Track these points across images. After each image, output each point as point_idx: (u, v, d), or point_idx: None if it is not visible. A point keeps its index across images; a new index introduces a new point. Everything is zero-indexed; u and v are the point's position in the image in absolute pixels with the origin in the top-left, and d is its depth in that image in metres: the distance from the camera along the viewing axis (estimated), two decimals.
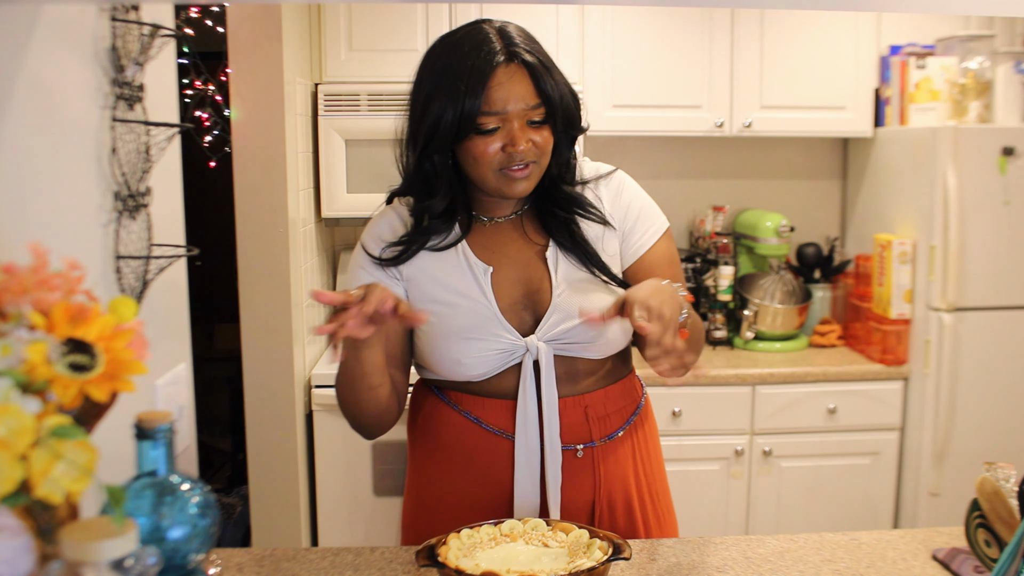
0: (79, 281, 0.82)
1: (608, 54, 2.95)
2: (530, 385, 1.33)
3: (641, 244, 1.41)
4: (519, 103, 1.27)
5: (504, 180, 1.30)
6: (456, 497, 1.39)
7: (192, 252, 1.41)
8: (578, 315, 1.30)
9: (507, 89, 1.26)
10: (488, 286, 1.34)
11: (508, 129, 1.27)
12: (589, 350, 1.36)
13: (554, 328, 1.34)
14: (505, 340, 1.33)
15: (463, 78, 1.25)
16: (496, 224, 1.40)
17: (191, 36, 3.30)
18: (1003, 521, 1.19)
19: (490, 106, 1.26)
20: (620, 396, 1.43)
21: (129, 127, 1.27)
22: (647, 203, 1.44)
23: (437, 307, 1.35)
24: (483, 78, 1.25)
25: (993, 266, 2.76)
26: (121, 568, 0.68)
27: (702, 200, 3.34)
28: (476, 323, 1.33)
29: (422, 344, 1.38)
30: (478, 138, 1.28)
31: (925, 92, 2.93)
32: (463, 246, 1.37)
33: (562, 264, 1.37)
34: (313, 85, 2.88)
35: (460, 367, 1.34)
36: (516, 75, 1.27)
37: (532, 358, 1.33)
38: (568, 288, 1.35)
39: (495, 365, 1.34)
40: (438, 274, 1.36)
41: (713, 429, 2.83)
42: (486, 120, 1.26)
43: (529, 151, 1.28)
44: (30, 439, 0.68)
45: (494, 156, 1.28)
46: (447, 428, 1.39)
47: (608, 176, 1.44)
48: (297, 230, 2.67)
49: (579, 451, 1.37)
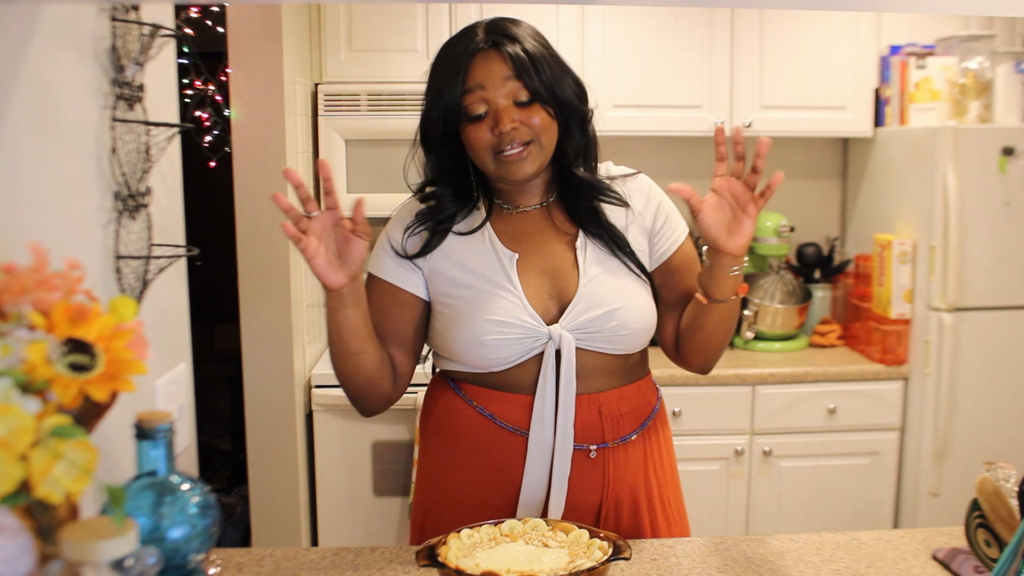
0: (79, 281, 0.82)
1: (608, 54, 2.95)
2: (550, 377, 1.33)
3: (670, 245, 1.44)
4: (499, 84, 1.31)
5: (501, 164, 1.33)
6: (466, 492, 1.39)
7: (192, 252, 1.41)
8: (605, 303, 1.35)
9: (484, 70, 1.31)
10: (514, 272, 1.36)
11: (494, 112, 1.32)
12: (612, 342, 1.36)
13: (579, 317, 1.34)
14: (529, 326, 1.33)
15: (449, 68, 1.32)
16: (523, 213, 1.42)
17: (191, 36, 3.30)
18: (1003, 521, 1.19)
19: (470, 87, 1.31)
20: (635, 397, 1.42)
21: (129, 127, 1.27)
22: (673, 207, 1.48)
23: (461, 290, 1.36)
24: (462, 65, 1.32)
25: (993, 266, 2.76)
26: (121, 568, 0.68)
27: None
28: (501, 306, 1.33)
29: (443, 327, 1.38)
30: (469, 126, 1.33)
31: (925, 92, 2.93)
32: (489, 233, 1.39)
33: (591, 253, 1.38)
34: (313, 85, 2.88)
35: (483, 349, 1.33)
36: (493, 59, 1.32)
37: (555, 347, 1.33)
38: (596, 277, 1.37)
39: (517, 350, 1.33)
40: (463, 260, 1.38)
41: (713, 429, 2.83)
42: (470, 102, 1.32)
43: (520, 132, 1.31)
44: (30, 439, 0.68)
45: (486, 141, 1.32)
46: (461, 423, 1.39)
47: (634, 176, 1.48)
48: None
49: (592, 451, 1.36)
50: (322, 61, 2.88)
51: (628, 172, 1.48)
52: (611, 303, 1.35)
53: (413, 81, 1.45)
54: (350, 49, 2.88)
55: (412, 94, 2.78)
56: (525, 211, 1.42)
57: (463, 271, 1.37)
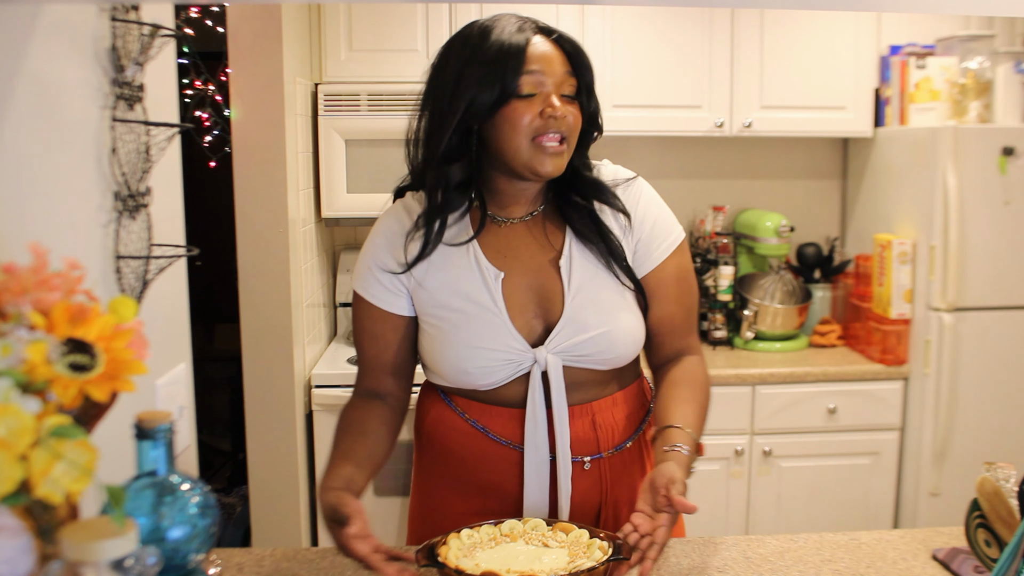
0: (79, 281, 0.82)
1: (608, 54, 2.95)
2: (539, 396, 1.31)
3: (655, 258, 1.38)
4: (556, 69, 1.27)
5: (536, 152, 1.27)
6: (462, 506, 1.37)
7: (192, 252, 1.41)
8: (591, 327, 1.30)
9: (543, 54, 1.27)
10: (499, 292, 1.32)
11: (545, 95, 1.27)
12: (600, 364, 1.34)
13: (564, 341, 1.31)
14: (514, 351, 1.30)
15: (503, 47, 1.26)
16: (510, 226, 1.37)
17: (191, 36, 3.31)
18: (1003, 521, 1.19)
19: (529, 67, 1.26)
20: (628, 402, 1.40)
21: (129, 127, 1.27)
22: (663, 214, 1.41)
23: (446, 313, 1.33)
24: (522, 45, 1.26)
25: (993, 266, 2.76)
26: (121, 568, 0.68)
27: (702, 200, 3.34)
28: (485, 331, 1.30)
29: (429, 351, 1.36)
30: (516, 102, 1.26)
31: (925, 92, 2.93)
32: (475, 249, 1.33)
33: (576, 267, 1.34)
34: (313, 85, 2.88)
35: (467, 376, 1.32)
36: (552, 47, 1.29)
37: (540, 369, 1.31)
38: (581, 296, 1.32)
39: (502, 375, 1.31)
40: (448, 278, 1.33)
41: (713, 429, 2.80)
42: (524, 82, 1.26)
43: (565, 121, 1.27)
44: (30, 439, 0.68)
45: (532, 121, 1.26)
46: (454, 435, 1.37)
47: (627, 183, 1.41)
48: (297, 230, 2.67)
49: (586, 464, 1.35)
50: (322, 61, 2.88)
51: (623, 177, 1.42)
52: (598, 326, 1.31)
53: (413, 81, 1.43)
54: (350, 49, 2.88)
55: (412, 94, 2.75)
56: (513, 224, 1.37)
57: (447, 291, 1.33)
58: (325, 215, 2.90)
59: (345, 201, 2.87)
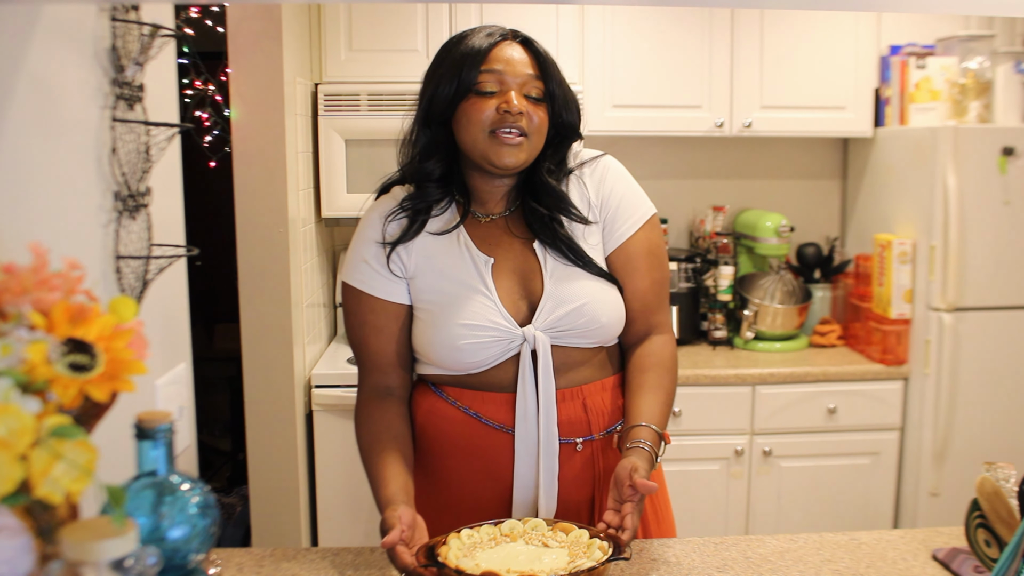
0: (79, 281, 0.82)
1: (608, 54, 2.95)
2: (529, 376, 1.34)
3: (621, 233, 1.42)
4: (518, 70, 1.34)
5: (493, 144, 1.33)
6: (459, 493, 1.39)
7: (192, 252, 1.41)
8: (572, 300, 1.35)
9: (507, 57, 1.34)
10: (489, 277, 1.36)
11: (505, 91, 1.33)
12: (586, 336, 1.37)
13: (549, 315, 1.35)
14: (503, 328, 1.34)
15: (470, 49, 1.34)
16: (492, 221, 1.43)
17: (191, 36, 3.30)
18: (1003, 521, 1.19)
19: (489, 65, 1.33)
20: (619, 387, 1.43)
21: (129, 127, 1.27)
22: (631, 189, 1.45)
23: (438, 297, 1.37)
24: (485, 47, 1.34)
25: (993, 266, 2.76)
26: (121, 568, 0.68)
27: (702, 200, 3.34)
28: (476, 310, 1.34)
29: (420, 332, 1.39)
30: (474, 98, 1.34)
31: (925, 92, 2.93)
32: (465, 238, 1.39)
33: (550, 255, 1.39)
34: (313, 85, 2.88)
35: (459, 353, 1.34)
36: (518, 49, 1.36)
37: (530, 348, 1.34)
38: (559, 276, 1.37)
39: (493, 353, 1.34)
40: (441, 265, 1.38)
41: (713, 429, 2.83)
42: (485, 79, 1.33)
43: (524, 119, 1.33)
44: (30, 439, 0.68)
45: (487, 115, 1.33)
46: (447, 424, 1.39)
47: (594, 161, 1.46)
48: (297, 230, 2.67)
49: (579, 445, 1.38)
50: (322, 61, 2.88)
51: (589, 157, 1.46)
52: (578, 299, 1.35)
53: (413, 81, 1.44)
54: (350, 49, 2.88)
55: (412, 94, 2.76)
56: (494, 219, 1.43)
57: (441, 277, 1.38)
58: (325, 215, 2.90)
59: (345, 201, 2.87)
